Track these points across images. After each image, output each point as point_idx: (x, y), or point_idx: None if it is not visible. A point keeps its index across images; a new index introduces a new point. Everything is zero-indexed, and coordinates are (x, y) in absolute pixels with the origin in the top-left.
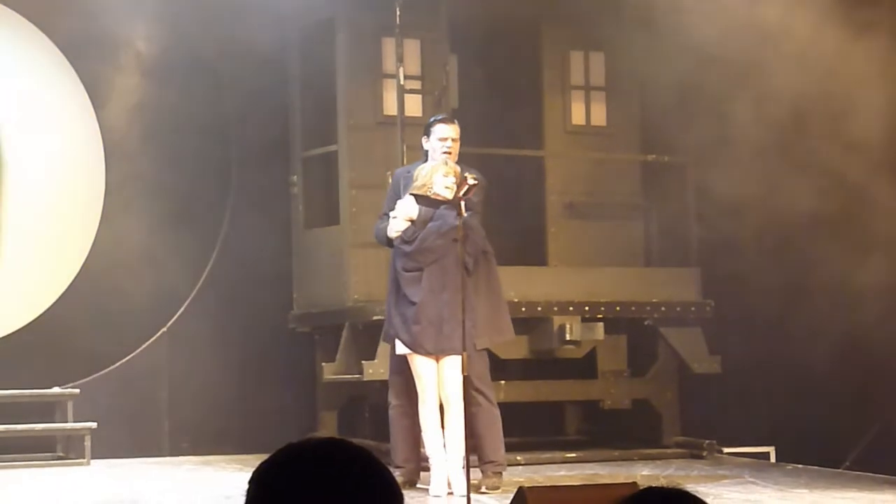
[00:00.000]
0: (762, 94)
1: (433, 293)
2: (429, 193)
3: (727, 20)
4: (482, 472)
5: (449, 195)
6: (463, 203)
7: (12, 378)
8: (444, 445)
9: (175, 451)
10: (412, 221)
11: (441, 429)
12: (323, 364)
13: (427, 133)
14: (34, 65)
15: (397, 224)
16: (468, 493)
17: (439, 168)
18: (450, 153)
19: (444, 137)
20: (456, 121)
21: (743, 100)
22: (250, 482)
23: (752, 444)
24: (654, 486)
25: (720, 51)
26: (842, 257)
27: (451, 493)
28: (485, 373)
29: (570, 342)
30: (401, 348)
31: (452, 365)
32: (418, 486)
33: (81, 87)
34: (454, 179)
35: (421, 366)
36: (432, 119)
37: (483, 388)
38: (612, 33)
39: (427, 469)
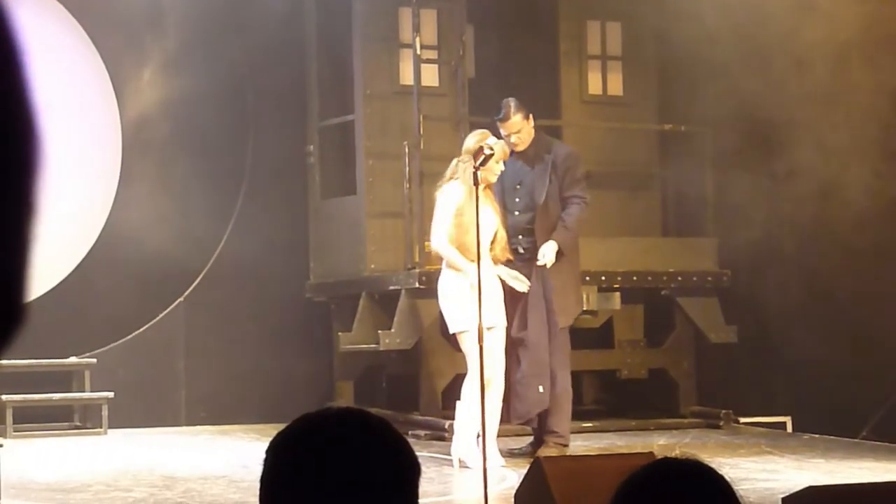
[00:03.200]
0: (780, 61)
1: None
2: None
3: None
4: (544, 441)
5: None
6: (478, 174)
7: (30, 348)
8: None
9: (192, 421)
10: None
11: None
12: (339, 334)
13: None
14: (49, 33)
15: None
16: (484, 463)
17: (488, 148)
18: (517, 143)
19: (506, 135)
20: (513, 109)
21: (760, 67)
22: (267, 452)
23: (768, 413)
24: (669, 457)
25: (737, 18)
26: (860, 225)
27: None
28: (562, 350)
29: (586, 312)
30: None
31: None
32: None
33: (98, 56)
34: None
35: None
36: (494, 116)
37: (556, 364)
38: (629, 3)
39: None
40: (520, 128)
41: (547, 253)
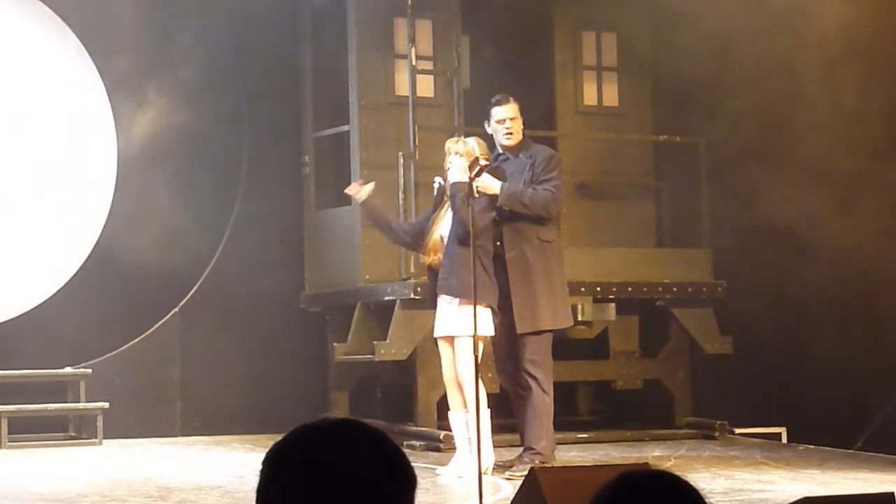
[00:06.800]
0: (775, 72)
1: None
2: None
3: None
4: (518, 457)
5: (455, 178)
6: (475, 185)
7: (25, 358)
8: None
9: (187, 431)
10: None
11: (461, 409)
12: (335, 344)
13: (488, 117)
14: (46, 48)
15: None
16: (479, 474)
17: (449, 153)
18: (510, 133)
19: (500, 119)
20: (512, 99)
21: (755, 79)
22: (264, 463)
23: (763, 424)
24: (632, 470)
25: (732, 30)
26: (855, 238)
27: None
28: (538, 358)
29: (581, 322)
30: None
31: (458, 347)
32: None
33: (95, 70)
34: (460, 162)
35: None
36: (491, 101)
37: (534, 373)
38: (625, 14)
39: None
40: (515, 115)
41: (489, 181)
